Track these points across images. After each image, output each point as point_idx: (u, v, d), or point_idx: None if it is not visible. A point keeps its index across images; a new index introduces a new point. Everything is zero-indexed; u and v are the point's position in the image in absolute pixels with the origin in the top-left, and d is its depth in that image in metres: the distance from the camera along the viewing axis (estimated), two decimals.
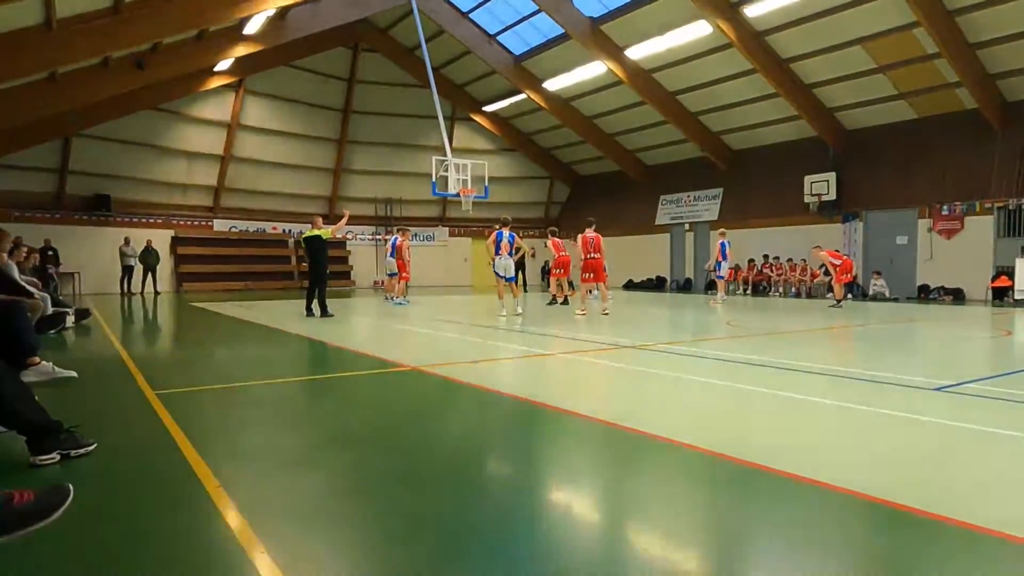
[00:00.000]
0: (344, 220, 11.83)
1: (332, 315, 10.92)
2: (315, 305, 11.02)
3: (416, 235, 26.19)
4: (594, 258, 11.43)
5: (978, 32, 14.21)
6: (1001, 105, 15.66)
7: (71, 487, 2.33)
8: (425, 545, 2.21)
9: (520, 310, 11.36)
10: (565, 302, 13.91)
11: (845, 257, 14.35)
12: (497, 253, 11.07)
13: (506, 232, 11.16)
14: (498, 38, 21.41)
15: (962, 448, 3.37)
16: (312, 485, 2.84)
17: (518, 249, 11.89)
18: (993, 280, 15.40)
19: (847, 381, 5.08)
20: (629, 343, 7.61)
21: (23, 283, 7.51)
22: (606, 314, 10.58)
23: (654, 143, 23.20)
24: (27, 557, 2.14)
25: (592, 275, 11.54)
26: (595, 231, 11.59)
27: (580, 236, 11.56)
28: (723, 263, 14.82)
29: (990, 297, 15.33)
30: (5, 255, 5.89)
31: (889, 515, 2.42)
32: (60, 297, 11.23)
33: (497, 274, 11.17)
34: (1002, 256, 15.51)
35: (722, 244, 14.75)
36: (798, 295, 18.47)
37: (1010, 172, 15.42)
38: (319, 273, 11.18)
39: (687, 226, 23.00)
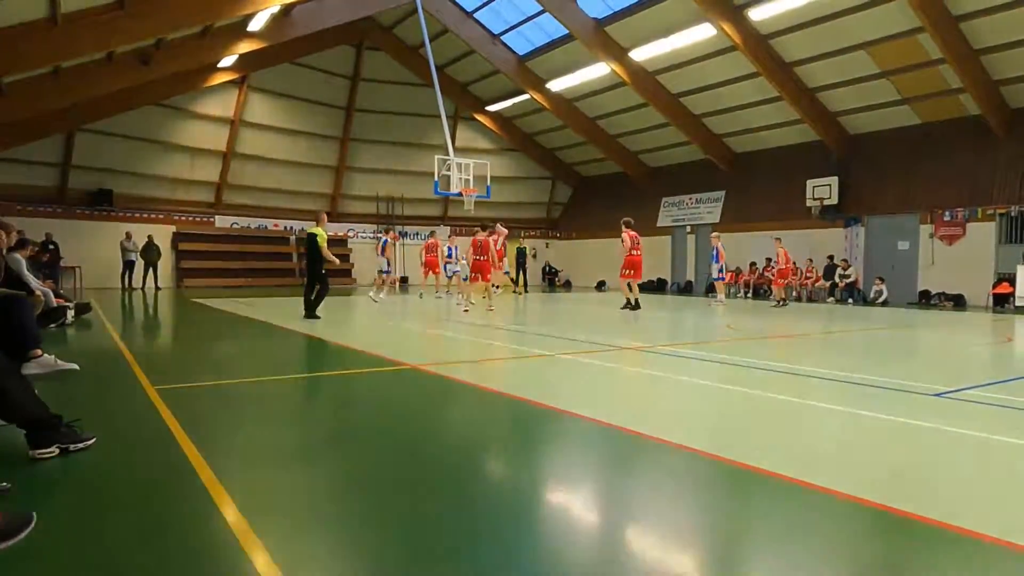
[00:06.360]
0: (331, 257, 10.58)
1: (319, 317, 10.14)
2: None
3: (417, 234, 26.20)
4: (637, 254, 12.24)
5: (982, 38, 14.18)
6: (1004, 112, 15.63)
7: (35, 514, 2.26)
8: (422, 543, 2.21)
9: (465, 307, 12.32)
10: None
11: (792, 264, 15.94)
12: (450, 258, 16.48)
13: (450, 245, 17.11)
14: (502, 38, 21.39)
15: (960, 454, 3.37)
16: (310, 482, 2.85)
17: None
18: (994, 286, 15.36)
19: (846, 386, 5.08)
20: (628, 345, 7.61)
21: (30, 278, 7.50)
22: (636, 308, 11.86)
23: (657, 145, 23.18)
24: (24, 552, 2.14)
25: (632, 271, 12.26)
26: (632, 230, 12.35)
27: (626, 233, 12.32)
28: (717, 266, 15.16)
29: (991, 303, 15.31)
30: (5, 248, 5.88)
31: (886, 520, 2.42)
32: (61, 291, 11.23)
33: (447, 275, 16.54)
34: (1003, 263, 15.48)
35: (717, 247, 15.24)
36: (799, 299, 18.44)
37: (1012, 179, 15.40)
38: (315, 272, 10.95)
39: (689, 228, 22.98)
